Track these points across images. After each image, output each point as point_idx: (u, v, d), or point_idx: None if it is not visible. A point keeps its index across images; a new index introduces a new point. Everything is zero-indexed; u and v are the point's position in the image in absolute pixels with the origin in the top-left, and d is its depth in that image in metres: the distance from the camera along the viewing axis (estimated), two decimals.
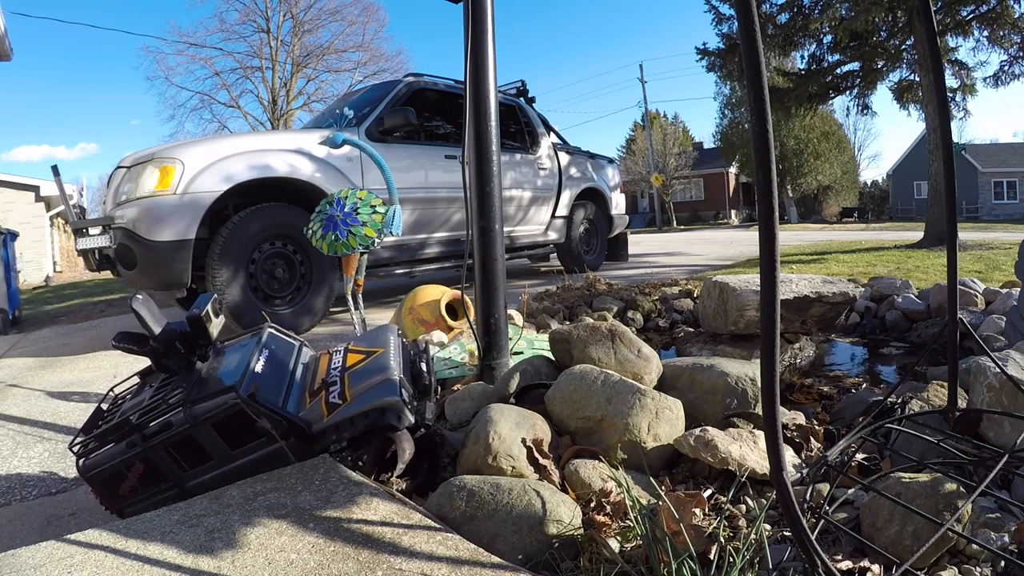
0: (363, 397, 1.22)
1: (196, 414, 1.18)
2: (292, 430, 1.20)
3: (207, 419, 1.18)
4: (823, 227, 18.99)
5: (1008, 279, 3.25)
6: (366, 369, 1.31)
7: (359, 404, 1.21)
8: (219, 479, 1.20)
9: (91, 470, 1.21)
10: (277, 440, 1.19)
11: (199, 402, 1.19)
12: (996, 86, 8.44)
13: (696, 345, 2.38)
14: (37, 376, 2.83)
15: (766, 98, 0.71)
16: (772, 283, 0.72)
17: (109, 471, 1.20)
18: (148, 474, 1.20)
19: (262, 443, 1.20)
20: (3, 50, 8.85)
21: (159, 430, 1.18)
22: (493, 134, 1.92)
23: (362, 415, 1.20)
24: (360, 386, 1.26)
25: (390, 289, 5.53)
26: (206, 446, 1.20)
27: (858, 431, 1.24)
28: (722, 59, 9.23)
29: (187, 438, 1.18)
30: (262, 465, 1.20)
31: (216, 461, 1.21)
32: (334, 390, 1.27)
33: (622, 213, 6.85)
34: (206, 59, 23.19)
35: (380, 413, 1.20)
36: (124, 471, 1.20)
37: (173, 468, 1.20)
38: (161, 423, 1.19)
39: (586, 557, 0.99)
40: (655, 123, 30.95)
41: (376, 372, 1.29)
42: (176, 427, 1.18)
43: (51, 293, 8.50)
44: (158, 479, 1.21)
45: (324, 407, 1.24)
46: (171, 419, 1.19)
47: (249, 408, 1.16)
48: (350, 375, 1.31)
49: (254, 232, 3.23)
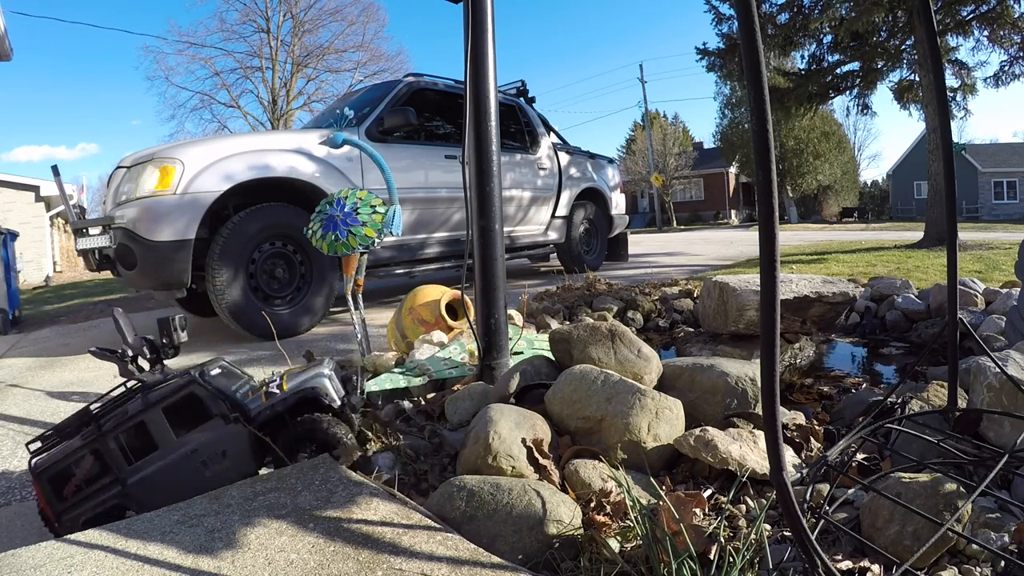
0: (297, 385, 1.43)
1: (150, 399, 1.28)
2: (236, 410, 1.33)
3: (159, 402, 1.28)
4: (823, 227, 19.00)
5: (1008, 279, 3.25)
6: (300, 373, 1.51)
7: (291, 390, 1.41)
8: (160, 473, 1.27)
9: (42, 467, 1.26)
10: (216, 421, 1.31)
11: (155, 389, 1.30)
12: (996, 86, 8.44)
13: (696, 345, 2.38)
14: (37, 376, 2.83)
15: (766, 98, 0.71)
16: (772, 283, 0.72)
17: (59, 468, 1.26)
18: (94, 469, 1.26)
19: (204, 428, 1.30)
20: (3, 50, 8.85)
21: (115, 418, 1.28)
22: (493, 134, 1.92)
23: (294, 392, 1.40)
24: (296, 381, 1.45)
25: (390, 289, 5.53)
26: (154, 433, 1.28)
27: (858, 431, 1.24)
28: (722, 59, 9.23)
29: (138, 424, 1.27)
30: (201, 453, 1.29)
31: (160, 450, 1.28)
32: (273, 384, 1.44)
33: (622, 213, 6.84)
34: (206, 59, 23.20)
35: (311, 390, 1.41)
36: (73, 468, 1.26)
37: (120, 461, 1.26)
38: (118, 412, 1.29)
39: (586, 557, 0.99)
40: (655, 123, 30.96)
41: (310, 370, 1.50)
42: (130, 413, 1.27)
43: (51, 293, 8.50)
44: (103, 474, 1.27)
45: (264, 398, 1.40)
46: (127, 407, 1.29)
47: (198, 389, 1.29)
48: (288, 377, 1.48)
49: (254, 232, 3.23)
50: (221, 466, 1.30)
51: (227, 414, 1.31)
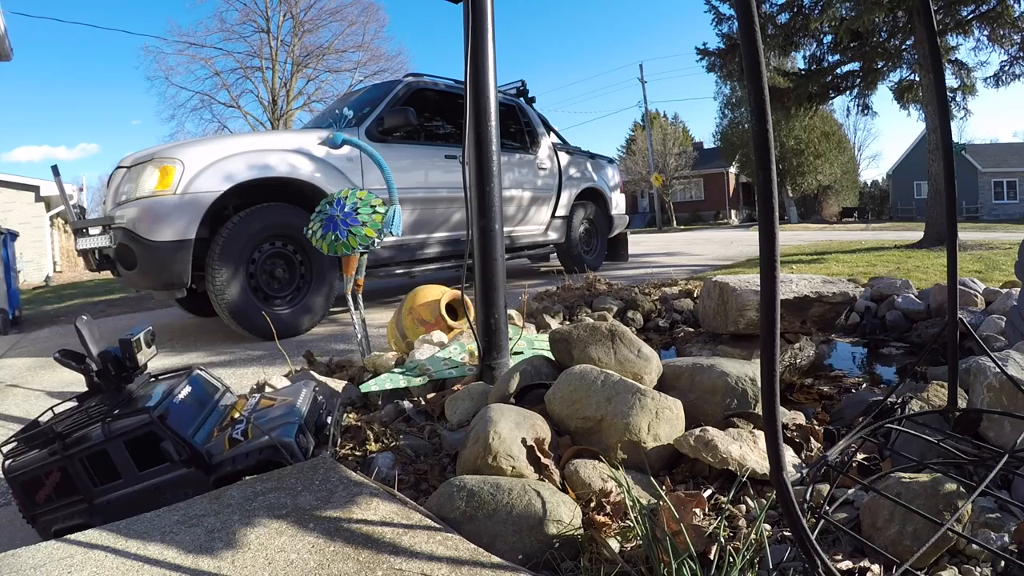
0: (258, 440, 1.34)
1: (112, 430, 1.26)
2: (193, 458, 1.28)
3: (121, 435, 1.26)
4: (823, 227, 18.99)
5: (1008, 279, 3.25)
6: (271, 413, 1.44)
7: (253, 444, 1.33)
8: (124, 499, 1.26)
9: (14, 472, 1.26)
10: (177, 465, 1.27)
11: (118, 419, 1.27)
12: (996, 86, 8.44)
13: (696, 345, 2.38)
14: (37, 376, 2.83)
15: (766, 98, 0.71)
16: (772, 283, 0.72)
17: (30, 475, 1.26)
18: (63, 484, 1.26)
19: (166, 468, 1.28)
20: (3, 50, 8.85)
21: (78, 441, 1.26)
22: (493, 134, 1.92)
23: (256, 451, 1.31)
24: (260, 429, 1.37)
25: (390, 289, 5.53)
26: (117, 463, 1.26)
27: (858, 431, 1.24)
28: (722, 59, 9.23)
29: (101, 452, 1.25)
30: (164, 490, 1.27)
31: (124, 480, 1.27)
32: (239, 428, 1.38)
33: (622, 213, 6.84)
34: (206, 59, 23.21)
35: (273, 451, 1.31)
36: (43, 478, 1.26)
37: (86, 481, 1.26)
38: (81, 435, 1.26)
39: (586, 557, 0.99)
40: (655, 123, 30.95)
41: (279, 416, 1.42)
42: (93, 440, 1.25)
43: (51, 293, 8.50)
44: (71, 491, 1.26)
45: (227, 442, 1.34)
46: (89, 432, 1.27)
47: (158, 430, 1.26)
48: (255, 416, 1.43)
49: (254, 232, 3.23)
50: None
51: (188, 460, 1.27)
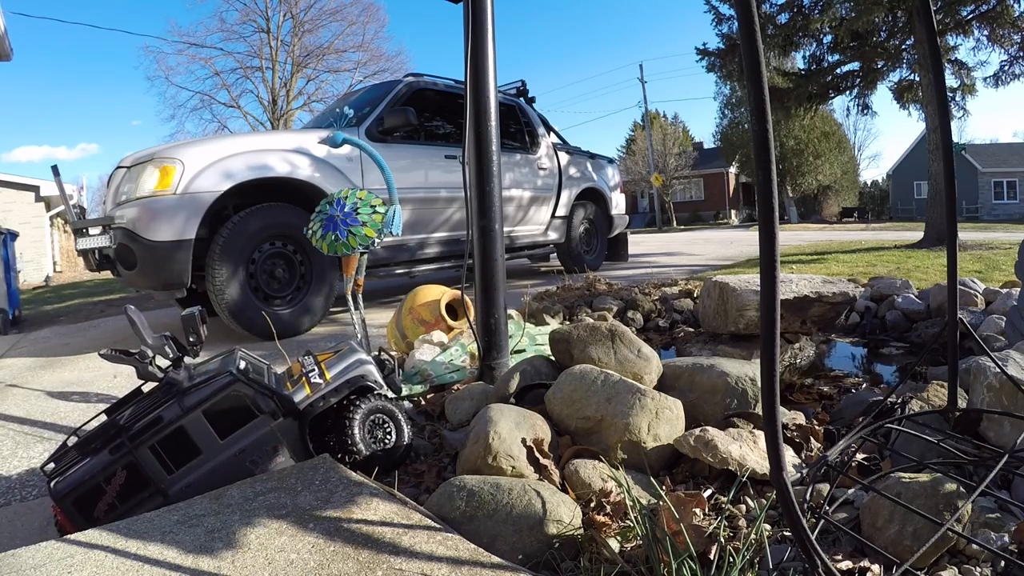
0: (342, 372, 1.40)
1: (190, 403, 1.20)
2: (283, 405, 1.27)
3: (199, 405, 1.20)
4: (823, 227, 18.99)
5: (1008, 279, 3.25)
6: (337, 359, 1.46)
7: (340, 377, 1.38)
8: (206, 477, 1.20)
9: (66, 491, 1.15)
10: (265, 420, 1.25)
11: (190, 393, 1.22)
12: (996, 86, 8.44)
13: (696, 345, 2.38)
14: (37, 376, 2.83)
15: (766, 98, 0.71)
16: (772, 283, 0.72)
17: (87, 488, 1.16)
18: (130, 483, 1.18)
19: (252, 427, 1.24)
20: (3, 50, 8.85)
21: (148, 427, 1.18)
22: (493, 134, 1.92)
23: (345, 383, 1.38)
24: (337, 368, 1.40)
25: (390, 289, 5.53)
26: (196, 438, 1.20)
27: (858, 431, 1.24)
28: (722, 59, 9.23)
29: (177, 432, 1.19)
30: (250, 452, 1.24)
31: (205, 455, 1.21)
32: (313, 374, 1.39)
33: (622, 213, 6.84)
34: (206, 59, 23.19)
35: (361, 377, 1.40)
36: (103, 485, 1.16)
37: (159, 472, 1.18)
38: (150, 419, 1.19)
39: (586, 557, 0.99)
40: (655, 123, 30.95)
41: (348, 356, 1.47)
42: (166, 420, 1.19)
43: (51, 293, 8.50)
44: (140, 487, 1.18)
45: (308, 387, 1.35)
46: (161, 415, 1.20)
47: (242, 387, 1.23)
48: (325, 363, 1.44)
49: (254, 232, 3.23)
50: (273, 462, 1.26)
51: (275, 410, 1.26)
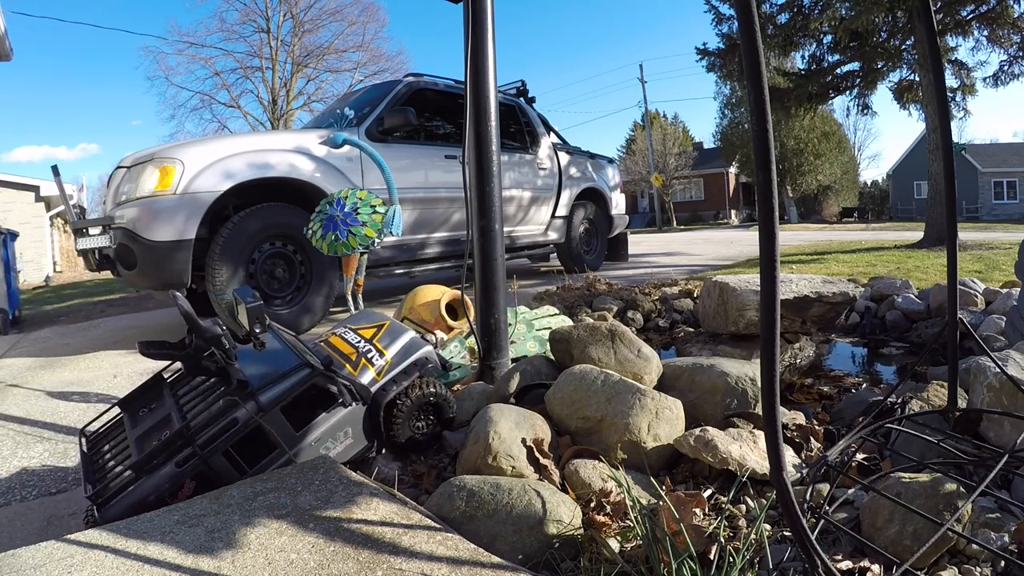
0: (401, 353, 1.43)
1: (269, 400, 1.15)
2: (360, 394, 1.29)
3: (278, 402, 1.17)
4: (823, 227, 18.99)
5: (1008, 279, 3.25)
6: (386, 335, 1.48)
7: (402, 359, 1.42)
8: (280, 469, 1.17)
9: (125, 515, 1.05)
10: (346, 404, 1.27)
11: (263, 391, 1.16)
12: (996, 86, 8.44)
13: (696, 345, 2.38)
14: (37, 376, 2.83)
15: (766, 98, 0.71)
16: (772, 283, 0.72)
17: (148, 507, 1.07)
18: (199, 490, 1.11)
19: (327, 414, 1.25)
20: (3, 50, 8.85)
21: (220, 432, 1.11)
22: (493, 134, 1.92)
23: (412, 364, 1.42)
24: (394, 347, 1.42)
25: (390, 289, 5.53)
26: (273, 435, 1.17)
27: (858, 431, 1.24)
28: (722, 59, 9.23)
29: (253, 432, 1.14)
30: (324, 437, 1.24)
31: (279, 450, 1.18)
32: (373, 356, 1.41)
33: (622, 213, 6.84)
34: (206, 59, 23.18)
35: (425, 360, 1.44)
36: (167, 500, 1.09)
37: (231, 474, 1.13)
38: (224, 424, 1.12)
39: (586, 557, 0.99)
40: (655, 123, 30.94)
41: (397, 334, 1.49)
42: (243, 422, 1.13)
43: (51, 293, 8.50)
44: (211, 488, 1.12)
45: (372, 369, 1.38)
46: (236, 416, 1.13)
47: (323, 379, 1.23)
48: (378, 341, 1.46)
49: (254, 232, 3.23)
50: (343, 445, 1.27)
51: (350, 400, 1.27)
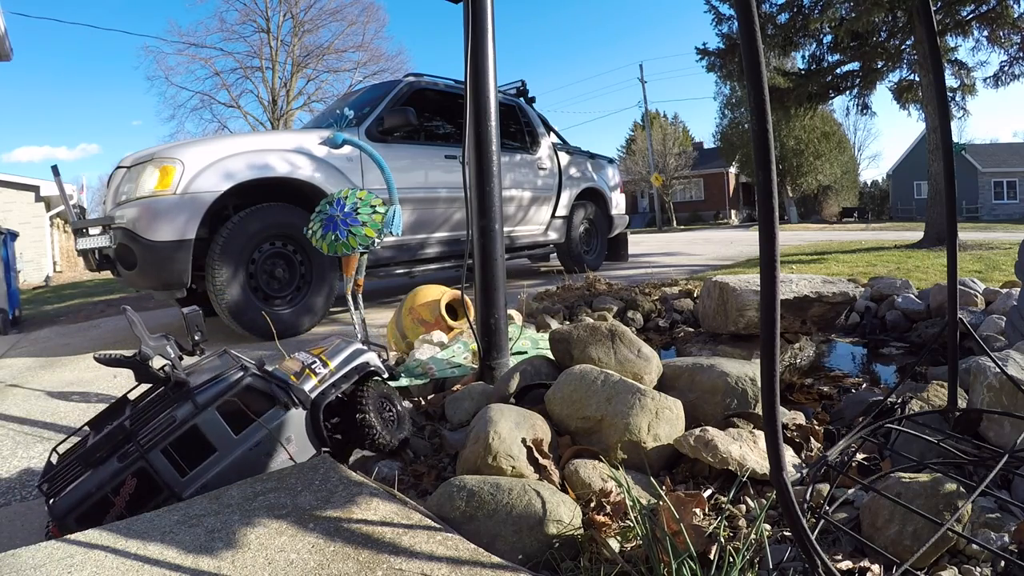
0: (345, 362, 1.43)
1: (203, 400, 1.18)
2: (295, 396, 1.28)
3: (215, 401, 1.19)
4: (823, 227, 18.99)
5: (1008, 279, 3.25)
6: (335, 350, 1.48)
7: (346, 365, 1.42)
8: (221, 477, 1.18)
9: (69, 508, 1.09)
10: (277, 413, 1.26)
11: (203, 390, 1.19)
12: (996, 86, 8.44)
13: (696, 345, 2.38)
14: (37, 376, 2.83)
15: (766, 98, 0.71)
16: (772, 283, 0.72)
17: (93, 502, 1.10)
18: (141, 491, 1.13)
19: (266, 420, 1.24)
20: (3, 50, 8.85)
21: (160, 429, 1.15)
22: (493, 134, 1.92)
23: (353, 369, 1.42)
24: (338, 357, 1.43)
25: (390, 289, 5.53)
26: (211, 436, 1.18)
27: (858, 431, 1.24)
28: (722, 59, 9.23)
29: (191, 431, 1.16)
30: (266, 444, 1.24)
31: (220, 453, 1.19)
32: (315, 366, 1.41)
33: (622, 213, 6.84)
34: (206, 59, 23.19)
35: (366, 364, 1.45)
36: (111, 496, 1.11)
37: (172, 475, 1.15)
38: (162, 421, 1.16)
39: (586, 557, 0.99)
40: (655, 123, 30.94)
41: (343, 347, 1.49)
42: (181, 419, 1.16)
43: (51, 293, 8.50)
44: (153, 493, 1.14)
45: (314, 377, 1.37)
46: (174, 413, 1.17)
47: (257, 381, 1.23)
48: (325, 354, 1.46)
49: (254, 232, 3.23)
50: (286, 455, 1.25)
51: (287, 401, 1.26)
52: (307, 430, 1.30)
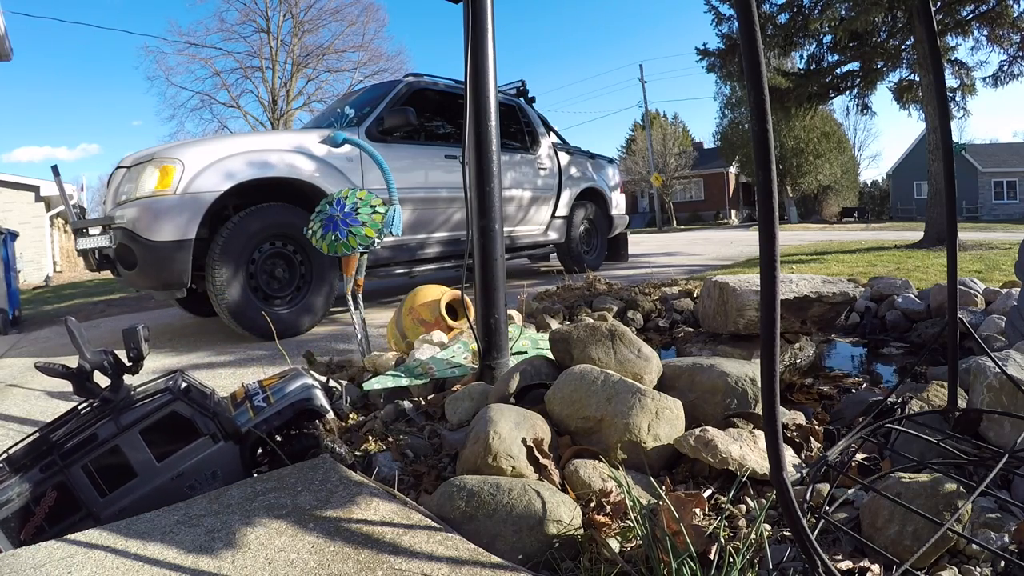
0: (287, 397, 1.37)
1: (126, 421, 1.15)
2: (224, 428, 1.22)
3: (137, 424, 1.15)
4: (823, 227, 18.99)
5: (1008, 279, 3.25)
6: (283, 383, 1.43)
7: (285, 401, 1.35)
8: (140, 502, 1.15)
9: None
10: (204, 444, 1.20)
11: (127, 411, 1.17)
12: (996, 86, 8.45)
13: (696, 345, 2.38)
14: (37, 376, 2.83)
15: (766, 98, 0.71)
16: (772, 283, 0.72)
17: (13, 509, 1.09)
18: (60, 505, 1.11)
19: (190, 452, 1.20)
20: (3, 50, 8.85)
21: (81, 445, 1.13)
22: (493, 134, 1.92)
23: (289, 406, 1.35)
24: (283, 392, 1.37)
25: (390, 289, 5.53)
26: (132, 460, 1.15)
27: (858, 431, 1.24)
28: (722, 59, 9.23)
29: (112, 451, 1.14)
30: (188, 477, 1.19)
31: (140, 478, 1.16)
32: (257, 398, 1.36)
33: (622, 213, 6.85)
34: (206, 59, 23.20)
35: (307, 401, 1.38)
36: (32, 506, 1.10)
37: (91, 494, 1.13)
38: (84, 438, 1.14)
39: (586, 557, 0.99)
40: (655, 123, 30.95)
41: (295, 380, 1.44)
42: (101, 438, 1.13)
43: (51, 293, 8.50)
44: (71, 509, 1.12)
45: (251, 410, 1.31)
46: (96, 432, 1.14)
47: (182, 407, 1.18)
48: (271, 388, 1.41)
49: (254, 232, 3.23)
50: (211, 488, 1.20)
51: (216, 433, 1.22)
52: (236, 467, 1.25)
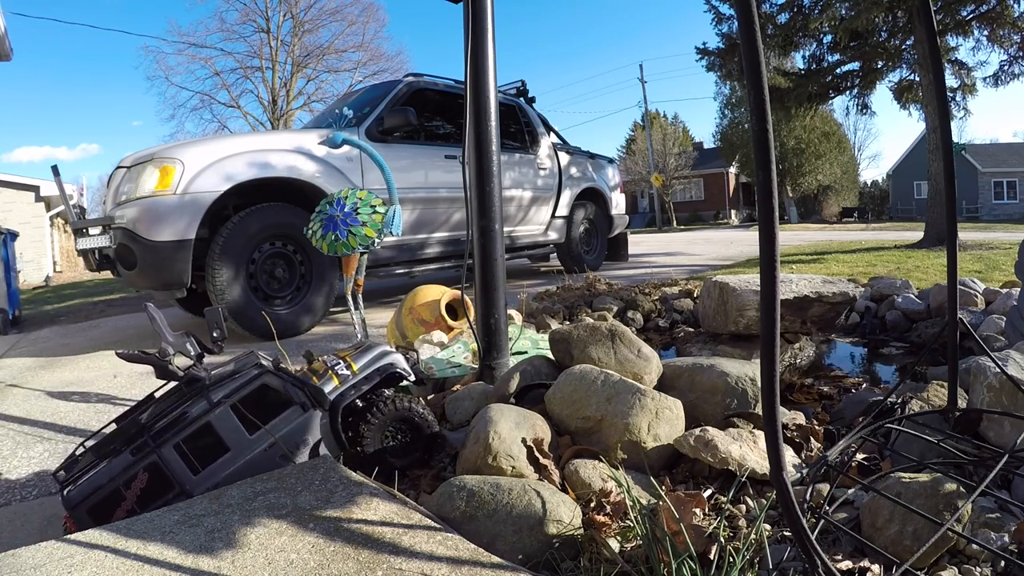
0: (369, 364, 1.39)
1: (217, 397, 1.17)
2: (314, 397, 1.25)
3: (228, 399, 1.17)
4: (823, 227, 18.99)
5: (1008, 279, 3.25)
6: (361, 353, 1.45)
7: (371, 366, 1.38)
8: (237, 474, 1.16)
9: (81, 498, 1.09)
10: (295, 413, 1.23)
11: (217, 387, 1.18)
12: (996, 86, 8.45)
13: (696, 345, 2.38)
14: (37, 376, 2.83)
15: (766, 98, 0.71)
16: (772, 283, 0.72)
17: (104, 494, 1.10)
18: (152, 486, 1.12)
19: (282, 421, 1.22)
20: (3, 50, 8.85)
21: (172, 424, 1.14)
22: (493, 134, 1.92)
23: (376, 371, 1.38)
24: (364, 359, 1.39)
25: (390, 289, 5.53)
26: (224, 435, 1.16)
27: (858, 431, 1.24)
28: (722, 59, 9.23)
29: (204, 428, 1.15)
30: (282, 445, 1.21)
31: (232, 453, 1.17)
32: (338, 367, 1.37)
33: (622, 213, 6.85)
34: (206, 59, 23.20)
35: (391, 366, 1.40)
36: (123, 490, 1.11)
37: (184, 472, 1.14)
38: (175, 416, 1.15)
39: (586, 557, 0.99)
40: (655, 123, 30.94)
41: (370, 349, 1.46)
42: (193, 416, 1.15)
43: (51, 293, 8.50)
44: (164, 489, 1.13)
45: (336, 379, 1.34)
46: (187, 410, 1.16)
47: (272, 379, 1.21)
48: (352, 357, 1.42)
49: (254, 232, 3.23)
50: (304, 456, 1.23)
51: (305, 402, 1.24)
52: (326, 434, 1.28)
